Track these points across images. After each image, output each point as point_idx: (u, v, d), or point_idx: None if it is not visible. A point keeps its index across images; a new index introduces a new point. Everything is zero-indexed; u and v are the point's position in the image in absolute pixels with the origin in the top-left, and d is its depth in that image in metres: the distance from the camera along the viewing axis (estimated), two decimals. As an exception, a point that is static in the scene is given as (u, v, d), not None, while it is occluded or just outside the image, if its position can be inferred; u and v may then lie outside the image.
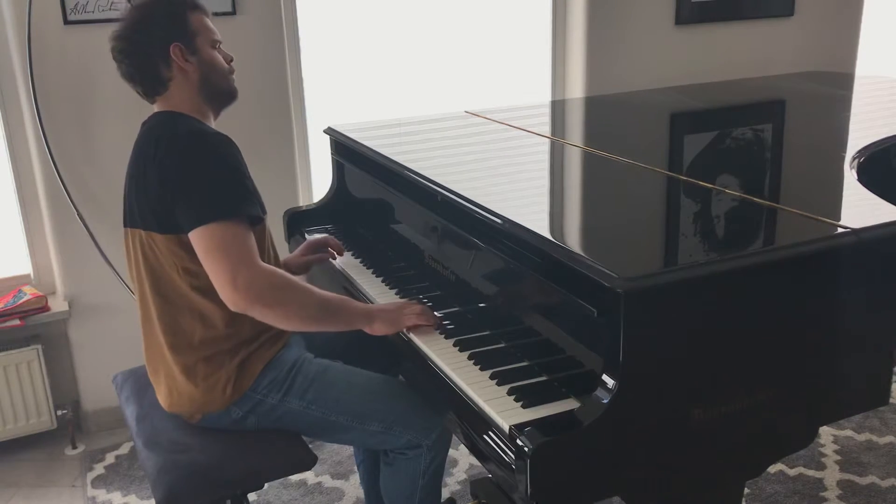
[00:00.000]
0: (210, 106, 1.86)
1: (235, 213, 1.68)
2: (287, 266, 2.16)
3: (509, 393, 1.53)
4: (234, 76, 1.89)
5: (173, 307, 1.77)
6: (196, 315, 1.76)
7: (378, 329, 1.80)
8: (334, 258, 2.29)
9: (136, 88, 1.84)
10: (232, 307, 1.68)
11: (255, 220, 1.74)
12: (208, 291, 1.72)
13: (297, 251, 2.27)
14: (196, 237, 1.67)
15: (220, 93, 1.86)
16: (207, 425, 1.85)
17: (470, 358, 1.69)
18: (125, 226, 1.83)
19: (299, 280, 1.77)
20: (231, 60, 1.89)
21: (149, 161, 1.72)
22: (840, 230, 1.55)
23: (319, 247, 2.28)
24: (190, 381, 1.78)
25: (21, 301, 2.77)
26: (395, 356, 1.92)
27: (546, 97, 3.61)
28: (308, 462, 1.83)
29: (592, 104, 3.12)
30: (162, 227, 1.72)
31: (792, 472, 2.61)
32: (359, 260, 2.28)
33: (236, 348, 1.79)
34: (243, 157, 1.77)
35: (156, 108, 1.84)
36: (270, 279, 1.68)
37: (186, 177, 1.68)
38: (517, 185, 2.02)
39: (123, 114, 2.80)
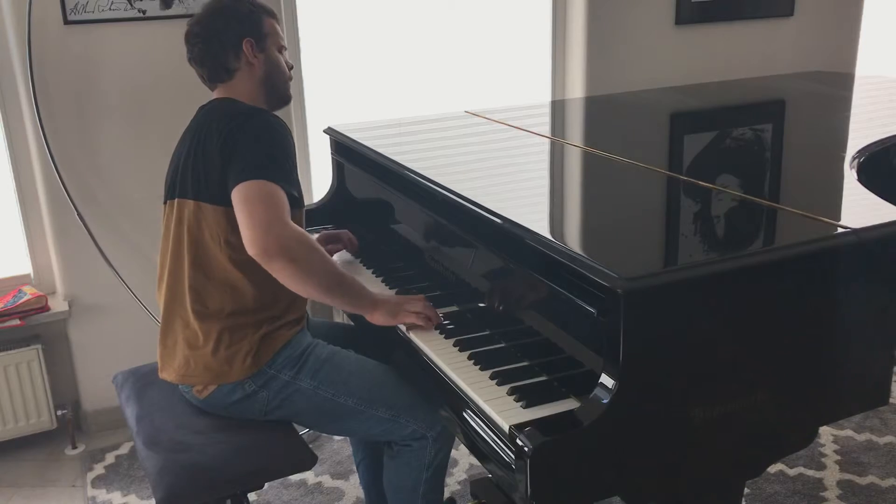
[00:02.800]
0: (266, 103, 1.95)
1: (282, 181, 1.75)
2: None
3: (509, 393, 1.53)
4: (290, 83, 2.01)
5: (207, 279, 1.83)
6: (228, 288, 1.82)
7: (378, 318, 1.84)
8: (352, 251, 2.32)
9: (200, 72, 1.93)
10: (257, 253, 1.69)
11: (295, 200, 1.80)
12: (245, 265, 1.78)
13: None
14: (240, 189, 1.72)
15: (278, 94, 1.98)
16: (215, 402, 1.86)
17: (470, 358, 1.69)
18: (170, 198, 1.90)
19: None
20: (291, 68, 2.01)
21: (211, 133, 1.81)
22: (840, 230, 1.55)
23: (333, 240, 2.32)
24: (213, 349, 1.82)
25: (21, 301, 2.77)
26: (390, 350, 1.93)
27: (546, 97, 3.61)
28: (308, 462, 1.83)
29: (592, 104, 3.12)
30: (213, 197, 1.79)
31: (792, 472, 2.61)
32: (359, 259, 2.28)
33: (260, 322, 1.84)
34: (294, 142, 1.86)
35: (215, 94, 1.94)
36: (300, 237, 1.73)
37: (246, 142, 1.77)
38: (517, 185, 2.02)
39: (123, 114, 2.81)
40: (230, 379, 1.83)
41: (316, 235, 2.34)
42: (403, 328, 1.84)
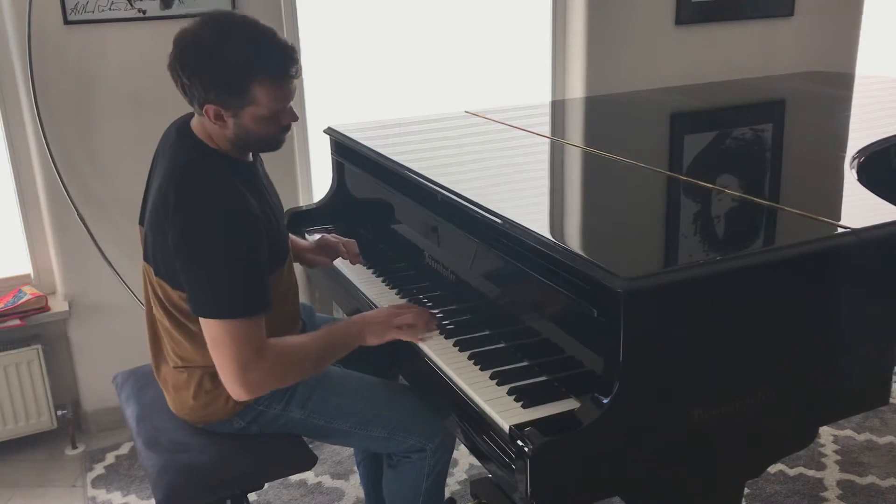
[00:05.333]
0: (242, 153, 1.75)
1: (239, 312, 1.62)
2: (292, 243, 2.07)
3: (509, 393, 1.53)
4: (285, 135, 1.74)
5: (181, 330, 1.75)
6: (203, 339, 1.70)
7: (371, 341, 1.80)
8: (352, 261, 2.22)
9: None
10: (238, 397, 1.68)
11: (265, 308, 1.66)
12: None
13: (307, 244, 2.21)
14: (203, 325, 1.65)
15: (255, 149, 1.77)
16: (211, 430, 1.85)
17: (470, 358, 1.69)
18: (141, 234, 1.79)
19: (294, 338, 1.76)
20: (294, 120, 1.72)
21: (168, 213, 1.63)
22: (840, 230, 1.55)
23: (328, 251, 2.19)
24: (194, 394, 1.78)
25: (21, 301, 2.77)
26: (396, 356, 1.92)
27: (546, 97, 3.61)
28: (308, 462, 1.83)
29: (592, 104, 3.12)
30: (174, 284, 1.70)
31: (792, 472, 2.61)
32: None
33: None
34: (258, 226, 1.64)
35: (193, 122, 1.73)
36: (272, 363, 1.66)
37: (195, 263, 1.62)
38: (517, 185, 2.02)
39: (124, 113, 2.81)
40: (216, 419, 1.81)
41: (318, 236, 2.28)
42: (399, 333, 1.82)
